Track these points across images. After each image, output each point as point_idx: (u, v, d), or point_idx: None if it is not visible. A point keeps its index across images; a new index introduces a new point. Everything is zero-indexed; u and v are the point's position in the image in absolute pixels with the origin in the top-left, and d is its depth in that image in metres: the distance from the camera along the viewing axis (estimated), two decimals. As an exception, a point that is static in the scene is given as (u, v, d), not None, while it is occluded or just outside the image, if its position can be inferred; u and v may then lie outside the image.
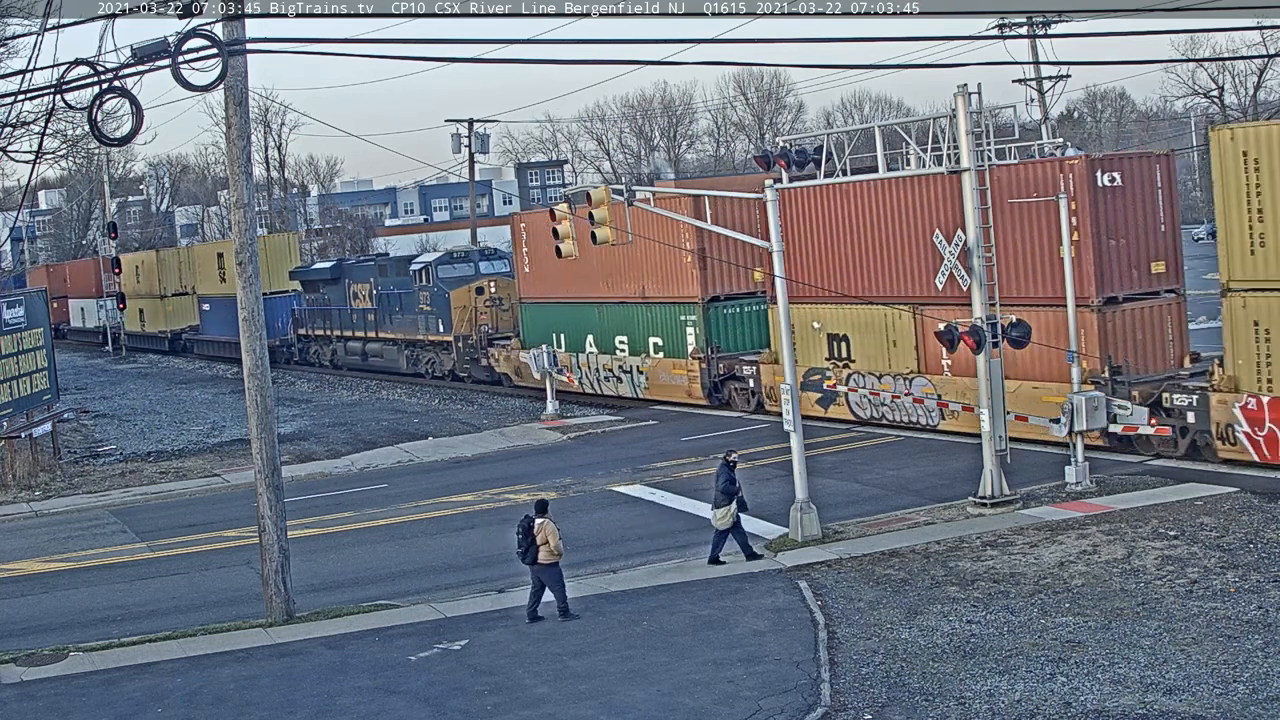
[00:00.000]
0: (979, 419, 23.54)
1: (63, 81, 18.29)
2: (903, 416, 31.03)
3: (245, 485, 28.48)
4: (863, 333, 31.99)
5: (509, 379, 45.52)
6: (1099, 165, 26.82)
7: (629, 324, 39.94)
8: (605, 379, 40.98)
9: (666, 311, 38.25)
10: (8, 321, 35.25)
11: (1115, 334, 27.00)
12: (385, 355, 52.69)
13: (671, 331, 38.14)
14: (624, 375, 40.14)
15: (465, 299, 47.73)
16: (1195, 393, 25.09)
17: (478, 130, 69.88)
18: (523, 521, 19.19)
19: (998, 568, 19.73)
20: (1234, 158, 23.93)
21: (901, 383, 30.86)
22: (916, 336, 30.31)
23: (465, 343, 47.80)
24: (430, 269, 49.20)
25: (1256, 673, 14.78)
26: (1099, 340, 26.61)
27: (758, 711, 14.79)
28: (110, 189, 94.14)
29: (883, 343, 31.47)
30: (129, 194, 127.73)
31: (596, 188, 26.84)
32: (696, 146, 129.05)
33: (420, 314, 49.74)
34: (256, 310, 20.23)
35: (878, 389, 31.48)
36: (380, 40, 21.74)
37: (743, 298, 36.81)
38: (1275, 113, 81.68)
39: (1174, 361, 27.66)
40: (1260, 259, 23.78)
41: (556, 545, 18.91)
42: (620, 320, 40.25)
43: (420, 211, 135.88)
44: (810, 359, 33.14)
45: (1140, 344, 27.22)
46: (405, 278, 50.70)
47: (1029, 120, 58.64)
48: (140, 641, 19.50)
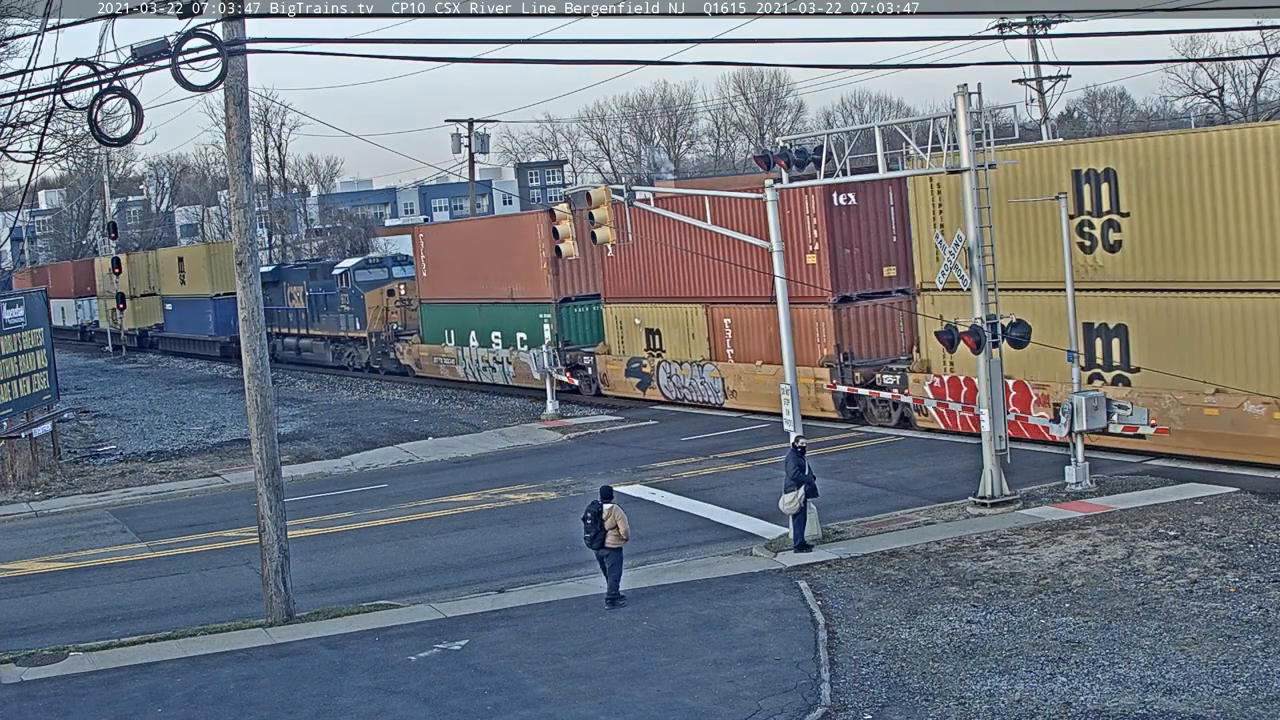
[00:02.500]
0: (979, 418, 23.55)
1: (63, 81, 18.29)
2: (698, 397, 37.56)
3: (245, 485, 28.48)
4: (670, 327, 38.26)
5: (412, 370, 51.88)
6: (835, 188, 30.94)
7: (502, 321, 45.57)
8: (483, 369, 46.83)
9: (529, 310, 43.78)
10: (8, 321, 35.25)
11: (849, 326, 32.71)
12: (315, 350, 58.36)
13: (533, 327, 43.44)
14: (497, 365, 45.93)
15: (378, 300, 53.81)
16: (898, 374, 30.96)
17: (478, 130, 69.95)
18: (591, 507, 19.63)
19: (998, 568, 19.73)
20: (925, 187, 29.60)
21: (696, 369, 37.16)
22: (708, 330, 36.69)
23: (378, 339, 53.91)
24: (349, 273, 55.18)
25: (1256, 673, 14.78)
26: (834, 331, 32.53)
27: (758, 711, 14.79)
28: (110, 189, 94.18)
29: (685, 336, 37.73)
30: (129, 194, 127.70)
31: (597, 188, 26.84)
32: (696, 146, 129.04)
33: (342, 313, 55.87)
34: (256, 310, 20.22)
35: (680, 374, 37.93)
36: (380, 40, 21.76)
37: (589, 299, 42.38)
38: (1275, 112, 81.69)
39: (904, 349, 32.59)
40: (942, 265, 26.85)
41: (625, 530, 19.34)
42: (495, 318, 45.89)
43: (420, 211, 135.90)
44: (633, 349, 39.89)
45: (872, 335, 32.91)
46: (331, 281, 56.62)
47: (1029, 120, 58.64)
48: (140, 641, 19.51)
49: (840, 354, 32.49)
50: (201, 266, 66.52)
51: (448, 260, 48.54)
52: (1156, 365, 25.45)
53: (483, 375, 46.90)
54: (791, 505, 21.31)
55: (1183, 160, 24.82)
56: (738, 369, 35.66)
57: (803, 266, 32.32)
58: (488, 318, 46.26)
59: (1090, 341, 26.96)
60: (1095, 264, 26.70)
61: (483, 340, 46.61)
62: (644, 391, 39.44)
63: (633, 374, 39.73)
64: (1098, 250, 26.64)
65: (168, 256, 72.65)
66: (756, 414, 34.80)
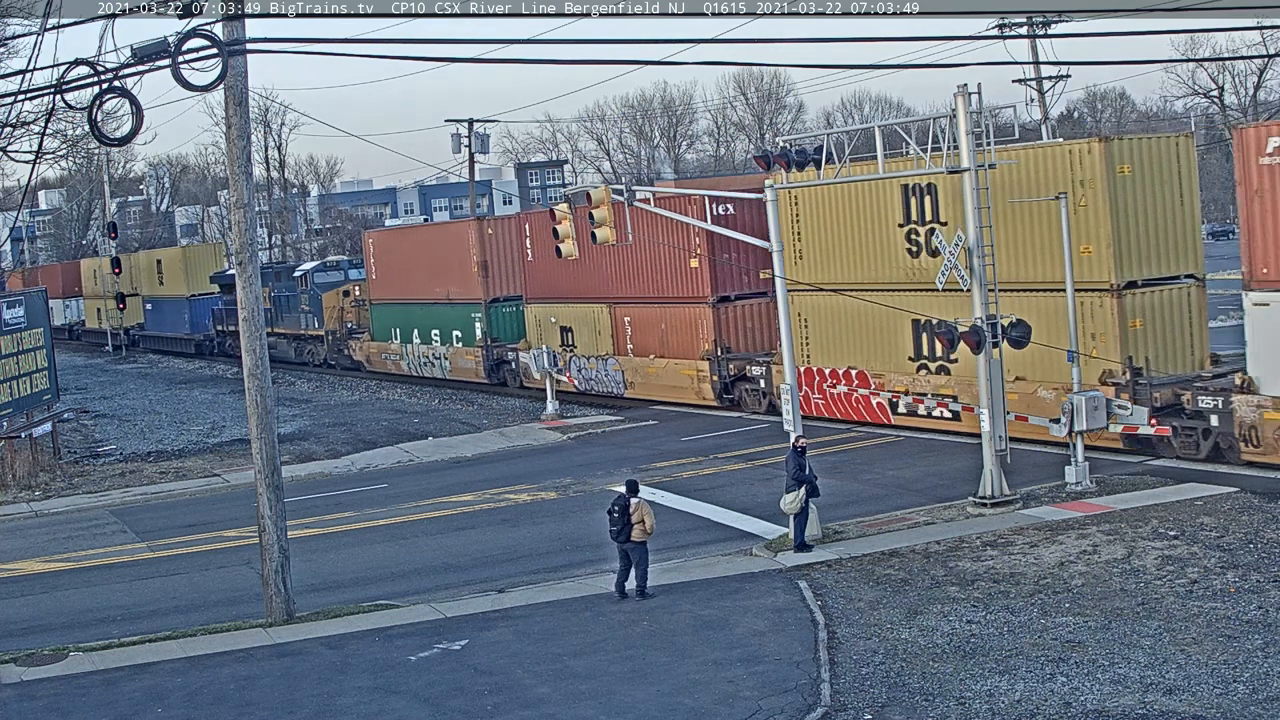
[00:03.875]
0: (978, 418, 23.55)
1: (63, 81, 18.29)
2: (603, 388, 41.06)
3: (245, 485, 28.49)
4: (581, 325, 41.83)
5: (364, 365, 55.59)
6: (715, 200, 34.88)
7: (440, 320, 49.27)
8: (424, 364, 50.66)
9: (463, 310, 47.65)
10: (8, 321, 35.25)
11: (727, 324, 36.60)
12: (279, 347, 60.72)
13: (467, 325, 47.59)
14: (436, 360, 49.77)
15: (334, 300, 57.70)
16: (764, 365, 35.24)
17: (478, 130, 69.92)
18: (618, 500, 19.73)
19: (998, 568, 19.73)
20: (785, 200, 31.80)
21: (601, 362, 40.62)
22: (612, 327, 40.19)
23: (334, 336, 57.80)
24: (309, 275, 59.06)
25: (1256, 673, 14.78)
26: (714, 328, 36.34)
27: (758, 711, 14.79)
28: (110, 189, 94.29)
29: (593, 333, 41.20)
30: (129, 194, 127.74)
31: (597, 188, 26.85)
32: (696, 146, 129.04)
33: (302, 313, 59.69)
34: (256, 310, 20.24)
35: (588, 367, 41.38)
36: (380, 40, 21.72)
37: (515, 299, 45.81)
38: (1275, 112, 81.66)
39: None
40: (807, 265, 33.10)
41: (651, 524, 19.54)
42: (434, 317, 49.58)
43: (420, 211, 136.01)
44: (548, 345, 42.23)
45: (749, 331, 36.65)
46: (293, 282, 60.33)
47: (1029, 120, 58.62)
48: (140, 641, 19.50)
49: (719, 348, 36.43)
50: (178, 269, 70.68)
51: (394, 264, 52.19)
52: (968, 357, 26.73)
53: (424, 370, 50.89)
54: (793, 505, 21.32)
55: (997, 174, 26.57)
56: (635, 362, 39.45)
57: (687, 270, 36.61)
58: (428, 317, 50.00)
59: (917, 336, 30.58)
60: (921, 267, 29.97)
61: (424, 338, 50.51)
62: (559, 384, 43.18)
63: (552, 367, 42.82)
64: (922, 255, 30.00)
65: (147, 259, 76.68)
66: (653, 402, 39.04)
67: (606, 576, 20.57)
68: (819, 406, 33.50)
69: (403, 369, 51.95)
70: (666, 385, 38.14)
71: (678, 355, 37.67)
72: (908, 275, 30.32)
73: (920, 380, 30.66)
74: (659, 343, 38.23)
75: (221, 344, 67.07)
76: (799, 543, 21.50)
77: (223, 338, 66.69)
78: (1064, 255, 25.20)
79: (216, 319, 67.15)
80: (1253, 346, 24.77)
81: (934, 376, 30.29)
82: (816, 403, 33.52)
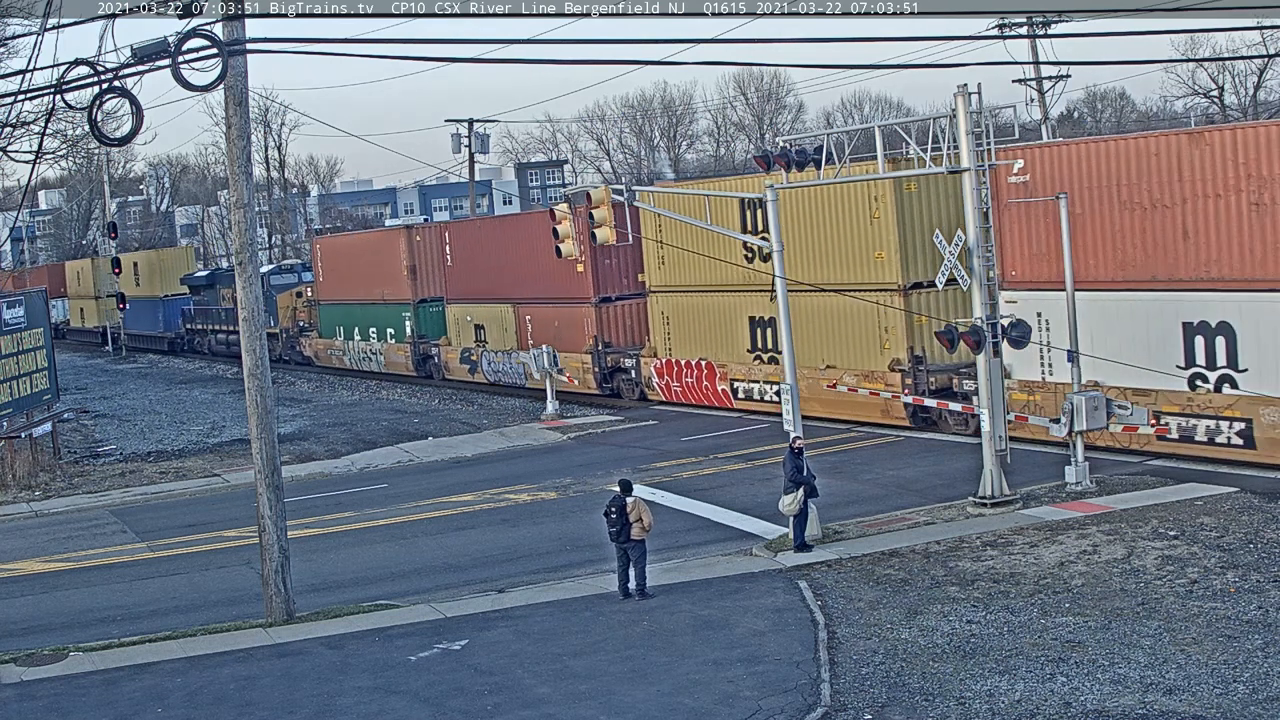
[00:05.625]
0: (981, 417, 23.55)
1: (63, 81, 18.29)
2: (509, 380, 45.33)
3: (245, 485, 28.49)
4: (491, 323, 46.35)
5: (313, 360, 60.01)
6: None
7: (377, 319, 54.02)
8: (363, 359, 55.53)
9: (395, 310, 52.40)
10: (8, 321, 35.25)
11: (608, 321, 40.91)
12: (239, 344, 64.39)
13: (398, 324, 52.33)
14: (373, 356, 54.72)
15: (288, 301, 61.99)
16: (634, 357, 39.39)
17: (478, 130, 69.96)
18: (614, 501, 19.70)
19: (998, 568, 19.73)
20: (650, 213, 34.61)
21: (507, 356, 45.05)
22: (516, 325, 44.69)
23: (287, 334, 62.16)
24: (266, 278, 61.08)
25: (1256, 673, 14.78)
26: (596, 324, 40.65)
27: (758, 711, 14.79)
28: (110, 189, 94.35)
29: (501, 330, 45.64)
30: (129, 194, 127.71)
31: (597, 188, 26.85)
32: (696, 146, 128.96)
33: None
34: (256, 310, 20.26)
35: (496, 361, 45.81)
36: (380, 40, 21.73)
37: (439, 299, 49.98)
38: (1275, 112, 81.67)
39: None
40: (668, 270, 37.85)
41: (649, 521, 19.58)
42: (373, 316, 54.34)
43: (420, 211, 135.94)
44: (465, 341, 47.91)
45: (627, 328, 41.02)
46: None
47: (1029, 120, 58.60)
48: (140, 641, 19.51)
49: (600, 343, 40.67)
50: (153, 271, 75.48)
51: (338, 267, 57.19)
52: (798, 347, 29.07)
53: (362, 365, 55.69)
54: (792, 507, 21.32)
55: (807, 195, 31.47)
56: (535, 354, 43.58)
57: (574, 274, 40.64)
58: (366, 316, 54.91)
59: (754, 332, 35.29)
60: (755, 271, 33.30)
61: (363, 335, 55.47)
62: (473, 375, 47.85)
63: (464, 361, 48.06)
64: (756, 260, 33.48)
65: (125, 261, 79.69)
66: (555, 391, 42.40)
67: (606, 577, 20.57)
68: (677, 393, 38.13)
69: (345, 363, 56.87)
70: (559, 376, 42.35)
71: (569, 349, 41.43)
72: (744, 278, 34.16)
73: (754, 369, 35.31)
74: (555, 338, 42.04)
75: (190, 342, 72.34)
76: (799, 543, 21.51)
77: (191, 336, 72.03)
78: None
79: (186, 318, 72.31)
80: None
81: (765, 366, 34.77)
82: (675, 390, 38.15)
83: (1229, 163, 24.22)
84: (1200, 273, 24.96)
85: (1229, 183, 24.24)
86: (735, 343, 35.99)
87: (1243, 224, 24.16)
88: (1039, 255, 27.66)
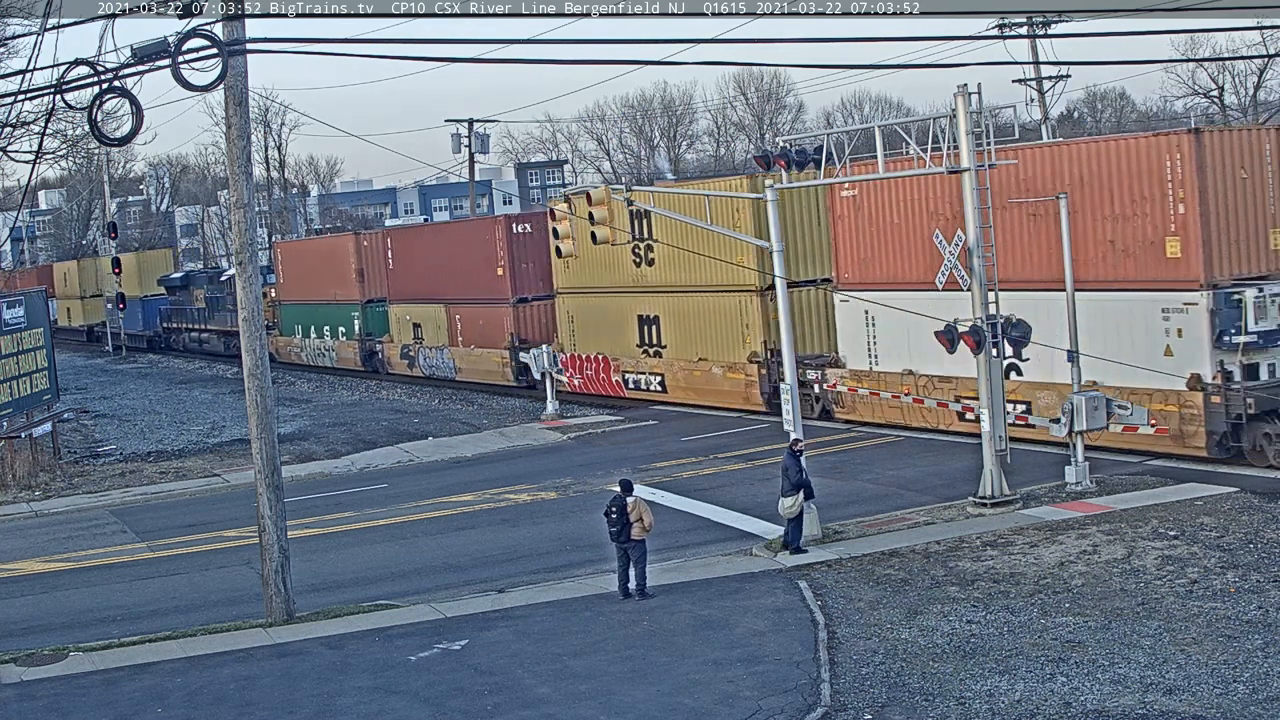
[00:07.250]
0: (973, 417, 23.55)
1: (63, 81, 18.29)
2: (441, 374, 49.65)
3: (245, 485, 28.48)
4: (427, 321, 50.15)
5: (275, 356, 58.67)
6: (514, 220, 45.74)
7: (330, 318, 58.18)
8: (318, 355, 59.68)
9: (345, 309, 56.67)
10: (8, 321, 35.23)
11: (524, 320, 44.99)
12: (211, 342, 69.09)
13: (348, 322, 56.71)
14: (326, 352, 59.03)
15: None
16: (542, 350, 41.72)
17: (478, 130, 69.91)
18: (614, 501, 19.71)
19: (998, 568, 19.73)
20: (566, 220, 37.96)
21: (439, 352, 49.26)
22: (447, 323, 48.54)
23: None
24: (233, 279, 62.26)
25: (1256, 673, 14.78)
26: (514, 323, 44.80)
27: (758, 711, 14.79)
28: (110, 189, 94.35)
29: (435, 328, 49.58)
30: (129, 194, 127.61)
31: (597, 187, 26.84)
32: (696, 146, 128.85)
33: (228, 311, 64.14)
34: (256, 310, 20.28)
35: (430, 356, 49.88)
36: (380, 40, 21.75)
37: (384, 300, 53.58)
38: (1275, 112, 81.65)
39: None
40: (572, 273, 41.20)
41: (650, 521, 19.62)
42: (327, 315, 58.44)
43: (420, 211, 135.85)
44: (405, 339, 52.06)
45: (542, 326, 44.71)
46: (222, 285, 66.74)
47: (1029, 120, 58.57)
48: (140, 641, 19.50)
49: (516, 339, 44.67)
50: (135, 272, 78.21)
51: (297, 269, 61.45)
52: (676, 343, 37.38)
53: (317, 360, 59.79)
54: (792, 509, 21.29)
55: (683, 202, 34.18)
56: (462, 352, 48.30)
57: (494, 276, 45.09)
58: (321, 315, 59.06)
59: (641, 328, 39.06)
60: (643, 274, 38.41)
61: (318, 333, 59.67)
62: (411, 370, 51.83)
63: (404, 357, 52.08)
64: (643, 265, 38.20)
65: (107, 263, 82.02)
66: (476, 385, 47.45)
67: (606, 577, 20.57)
68: (578, 385, 41.94)
69: (303, 359, 61.07)
70: (483, 370, 46.88)
71: (492, 345, 46.01)
72: (634, 281, 38.79)
73: (642, 362, 39.29)
74: (480, 335, 46.46)
75: (167, 339, 76.61)
76: (794, 546, 21.41)
77: (168, 334, 76.47)
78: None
79: (163, 318, 76.51)
80: (840, 332, 32.63)
81: (650, 359, 38.99)
82: (576, 381, 41.84)
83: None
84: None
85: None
86: (627, 339, 39.79)
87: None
88: (866, 260, 31.60)
